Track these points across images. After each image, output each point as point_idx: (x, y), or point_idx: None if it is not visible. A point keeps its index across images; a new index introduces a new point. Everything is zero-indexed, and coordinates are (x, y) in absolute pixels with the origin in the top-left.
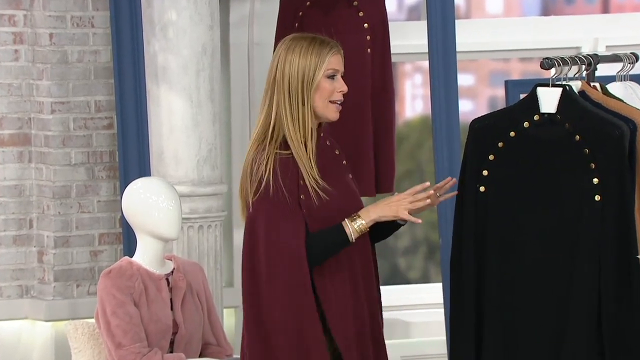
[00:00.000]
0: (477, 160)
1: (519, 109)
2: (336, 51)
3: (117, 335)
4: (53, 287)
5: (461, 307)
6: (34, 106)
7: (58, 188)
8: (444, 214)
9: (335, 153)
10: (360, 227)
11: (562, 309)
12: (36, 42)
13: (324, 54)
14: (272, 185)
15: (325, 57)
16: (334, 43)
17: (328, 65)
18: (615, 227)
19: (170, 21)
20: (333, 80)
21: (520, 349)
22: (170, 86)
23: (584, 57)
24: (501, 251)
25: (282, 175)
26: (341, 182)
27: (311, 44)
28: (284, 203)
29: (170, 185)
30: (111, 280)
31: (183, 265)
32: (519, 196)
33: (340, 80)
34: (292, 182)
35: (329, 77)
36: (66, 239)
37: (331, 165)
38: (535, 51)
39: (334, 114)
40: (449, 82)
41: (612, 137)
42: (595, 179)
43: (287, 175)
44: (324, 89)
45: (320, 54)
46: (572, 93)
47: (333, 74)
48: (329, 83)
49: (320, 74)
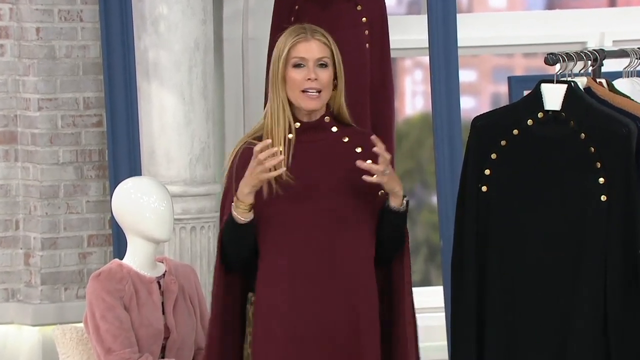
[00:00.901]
0: (479, 159)
1: (523, 106)
2: (303, 38)
3: (106, 340)
4: (40, 290)
5: (462, 309)
6: (20, 103)
7: (45, 188)
8: (445, 215)
9: (356, 151)
10: (238, 205)
11: (567, 311)
12: (22, 37)
13: (288, 43)
14: (228, 173)
15: (286, 47)
16: (306, 30)
17: (291, 54)
18: (621, 228)
19: (161, 15)
20: (300, 69)
21: (523, 352)
22: (162, 83)
23: (589, 52)
24: (504, 252)
25: (239, 164)
26: (319, 181)
27: (284, 35)
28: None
29: (161, 185)
30: (100, 283)
31: (175, 268)
32: (522, 196)
33: (308, 69)
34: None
35: (295, 67)
36: (54, 241)
37: (313, 161)
38: (539, 46)
39: (309, 103)
40: (450, 78)
41: (619, 135)
42: (601, 179)
43: (243, 165)
44: (290, 80)
45: (285, 43)
46: (578, 90)
47: (298, 63)
48: (295, 72)
49: (282, 64)
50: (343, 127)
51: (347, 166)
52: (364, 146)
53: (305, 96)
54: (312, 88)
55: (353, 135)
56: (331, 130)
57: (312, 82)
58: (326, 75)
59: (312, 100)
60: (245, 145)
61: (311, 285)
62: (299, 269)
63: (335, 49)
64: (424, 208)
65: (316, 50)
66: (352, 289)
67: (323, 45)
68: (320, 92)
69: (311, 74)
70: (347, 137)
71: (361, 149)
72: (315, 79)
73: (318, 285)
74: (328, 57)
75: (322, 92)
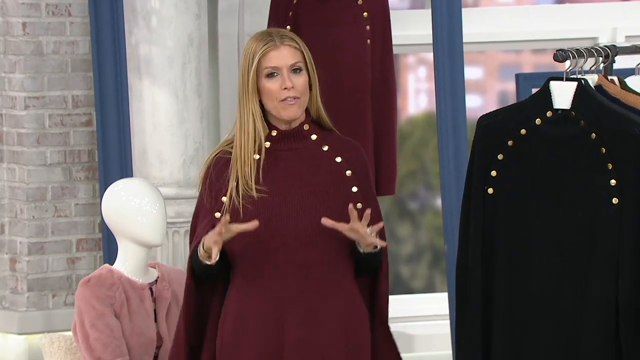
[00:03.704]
0: (485, 159)
1: (531, 105)
2: (272, 46)
3: (96, 350)
4: (26, 297)
5: (468, 317)
6: (5, 101)
7: (32, 190)
8: (450, 218)
9: (336, 161)
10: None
11: (577, 316)
12: (8, 32)
13: (257, 52)
14: (202, 186)
15: (256, 57)
16: (274, 36)
17: (263, 64)
18: (634, 232)
19: (153, 9)
20: (274, 79)
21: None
22: (154, 80)
23: (601, 48)
24: (511, 257)
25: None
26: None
27: (251, 42)
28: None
29: (154, 187)
30: (90, 289)
31: (168, 274)
32: (529, 198)
33: (282, 77)
34: (217, 179)
35: (269, 76)
36: (41, 246)
37: (288, 171)
38: (548, 42)
39: (289, 112)
40: (455, 76)
41: (631, 136)
42: (613, 180)
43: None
44: (266, 91)
45: (255, 52)
46: (588, 87)
47: (271, 72)
48: (270, 83)
49: (252, 75)
50: (324, 134)
51: (326, 176)
52: (344, 155)
53: (285, 105)
54: (290, 96)
55: (333, 144)
56: (310, 138)
57: (289, 91)
58: (302, 81)
59: (292, 107)
60: (220, 155)
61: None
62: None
63: (306, 50)
64: (428, 211)
65: (288, 57)
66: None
67: (294, 50)
68: (299, 98)
69: (287, 82)
70: (327, 146)
71: (341, 159)
72: (292, 87)
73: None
74: (301, 60)
75: (301, 98)
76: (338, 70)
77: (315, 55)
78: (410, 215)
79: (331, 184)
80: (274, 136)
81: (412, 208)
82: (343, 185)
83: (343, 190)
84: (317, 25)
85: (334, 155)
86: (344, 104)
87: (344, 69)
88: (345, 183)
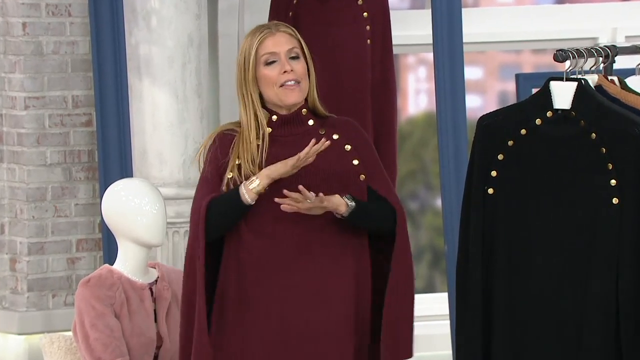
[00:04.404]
0: (485, 159)
1: (531, 105)
2: (268, 33)
3: (96, 350)
4: (26, 297)
5: (468, 317)
6: (5, 101)
7: (32, 190)
8: (450, 218)
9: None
10: (255, 187)
11: (577, 315)
12: (8, 32)
13: (254, 42)
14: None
15: (253, 46)
16: (270, 25)
17: (260, 52)
18: (634, 232)
19: (153, 9)
20: (273, 65)
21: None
22: (154, 80)
23: (601, 48)
24: (511, 257)
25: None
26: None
27: (248, 37)
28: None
29: (154, 187)
30: (90, 289)
31: (168, 274)
32: (530, 199)
33: (281, 62)
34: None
35: (268, 64)
36: (41, 246)
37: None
38: (548, 42)
39: (290, 96)
40: (455, 76)
41: (631, 136)
42: (613, 181)
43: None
44: (266, 78)
45: (252, 43)
46: (588, 88)
47: (270, 60)
48: (269, 70)
49: (251, 65)
50: (320, 120)
51: (326, 155)
52: (342, 132)
53: (285, 90)
54: (290, 79)
55: (330, 125)
56: (308, 123)
57: (288, 75)
58: (300, 66)
59: (293, 92)
60: (223, 131)
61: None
62: (277, 237)
63: (302, 40)
64: (427, 211)
65: (285, 42)
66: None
67: (289, 36)
68: (299, 82)
69: (286, 66)
70: (323, 130)
71: (338, 136)
72: (291, 70)
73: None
74: (297, 47)
75: (301, 83)
76: (338, 70)
77: (315, 55)
78: (410, 215)
79: (333, 162)
80: (274, 121)
81: (412, 208)
82: (344, 160)
83: (345, 164)
84: (317, 25)
85: (332, 134)
86: (344, 104)
87: (344, 69)
88: (346, 157)
